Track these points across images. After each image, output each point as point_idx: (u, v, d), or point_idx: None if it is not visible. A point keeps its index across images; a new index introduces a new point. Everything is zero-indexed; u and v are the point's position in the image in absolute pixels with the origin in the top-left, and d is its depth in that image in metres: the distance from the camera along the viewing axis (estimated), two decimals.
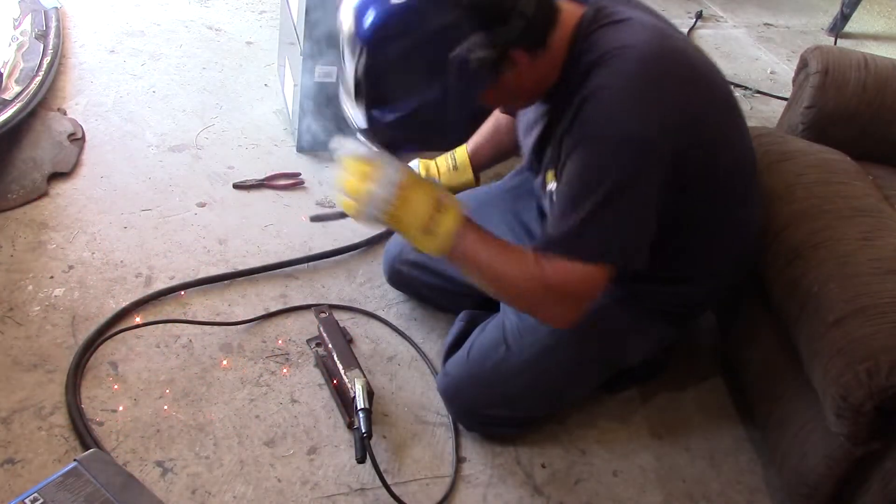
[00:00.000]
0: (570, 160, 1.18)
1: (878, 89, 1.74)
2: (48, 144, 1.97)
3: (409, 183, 1.22)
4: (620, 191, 1.17)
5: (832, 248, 1.36)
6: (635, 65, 1.15)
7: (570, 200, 1.19)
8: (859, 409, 1.19)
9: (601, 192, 1.16)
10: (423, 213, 1.22)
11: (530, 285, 1.23)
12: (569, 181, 1.19)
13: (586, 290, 1.22)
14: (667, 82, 1.18)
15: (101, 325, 1.54)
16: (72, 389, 1.41)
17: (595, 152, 1.17)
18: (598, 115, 1.16)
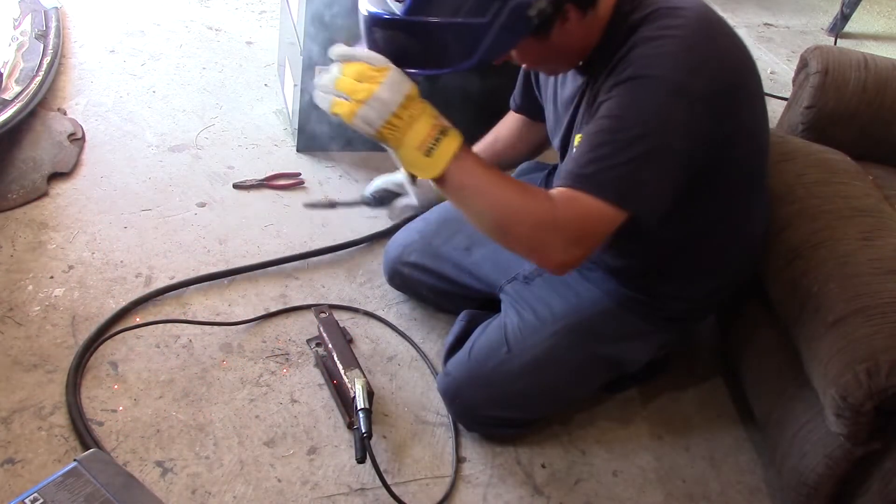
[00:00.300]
0: (608, 100, 1.15)
1: (878, 89, 1.74)
2: (48, 144, 1.97)
3: (414, 95, 1.15)
4: (655, 135, 1.13)
5: (832, 248, 1.36)
6: (689, 21, 1.15)
7: (599, 136, 1.14)
8: (859, 409, 1.19)
9: (634, 132, 1.13)
10: (424, 130, 1.15)
11: (537, 218, 1.16)
12: (602, 118, 1.15)
13: (597, 230, 1.16)
14: (716, 44, 1.17)
15: (101, 325, 1.54)
16: (72, 389, 1.41)
17: (637, 91, 1.14)
18: (644, 58, 1.13)
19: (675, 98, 1.12)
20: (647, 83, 1.13)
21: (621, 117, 1.14)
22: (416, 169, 1.19)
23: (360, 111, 1.14)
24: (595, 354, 1.46)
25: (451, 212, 1.70)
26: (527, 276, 1.53)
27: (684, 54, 1.13)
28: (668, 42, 1.13)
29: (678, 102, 1.13)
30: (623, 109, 1.14)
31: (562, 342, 1.43)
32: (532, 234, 1.17)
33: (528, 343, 1.43)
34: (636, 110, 1.13)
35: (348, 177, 2.12)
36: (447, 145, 1.16)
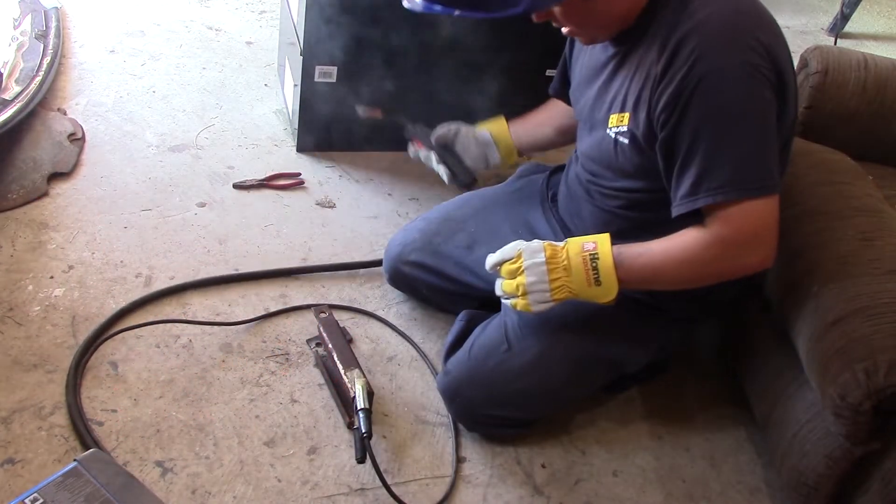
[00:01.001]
0: (695, 98, 1.16)
1: (878, 89, 1.74)
2: (48, 144, 1.97)
3: (552, 254, 1.28)
4: (760, 117, 1.17)
5: (832, 249, 1.36)
6: (740, 5, 1.18)
7: (714, 140, 1.17)
8: (857, 409, 1.19)
9: (748, 124, 1.16)
10: (580, 276, 1.27)
11: (711, 255, 1.22)
12: (704, 120, 1.17)
13: (766, 225, 1.20)
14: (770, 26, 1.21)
15: (101, 325, 1.54)
16: (72, 389, 1.41)
17: (725, 84, 1.16)
18: (713, 46, 1.15)
19: (753, 76, 1.15)
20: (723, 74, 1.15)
21: (728, 116, 1.16)
22: (600, 301, 1.29)
23: (531, 303, 1.30)
24: (595, 354, 1.46)
25: (451, 210, 1.70)
26: None
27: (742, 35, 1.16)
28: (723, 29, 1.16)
29: (758, 78, 1.16)
30: (724, 106, 1.16)
31: (561, 341, 1.43)
32: (721, 271, 1.26)
33: (528, 342, 1.43)
34: (736, 104, 1.16)
35: (348, 177, 2.12)
36: (605, 267, 1.26)
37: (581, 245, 1.28)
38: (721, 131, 1.17)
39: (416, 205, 2.07)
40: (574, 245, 1.29)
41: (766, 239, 1.22)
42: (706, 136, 1.17)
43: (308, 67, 2.02)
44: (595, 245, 1.27)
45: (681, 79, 1.17)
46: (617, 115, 1.31)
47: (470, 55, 2.13)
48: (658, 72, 1.20)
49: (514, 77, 2.21)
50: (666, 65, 1.18)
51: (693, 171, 1.20)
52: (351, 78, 2.06)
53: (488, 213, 1.66)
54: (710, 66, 1.15)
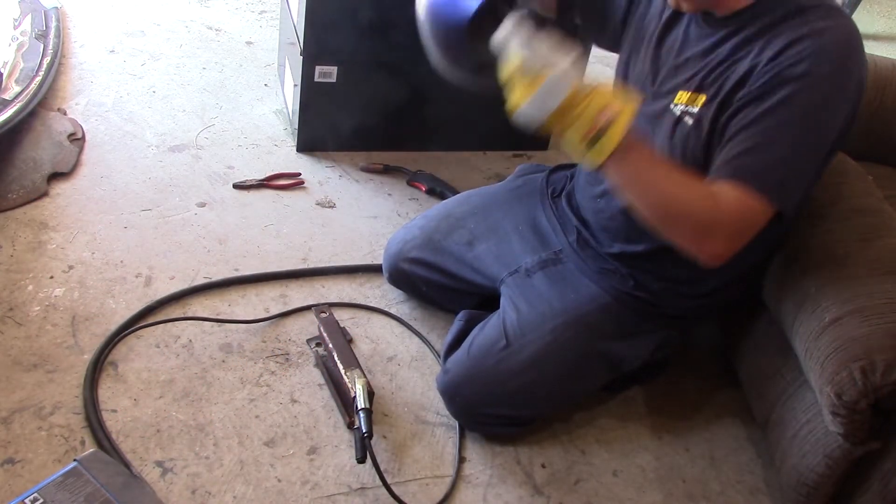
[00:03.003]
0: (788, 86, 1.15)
1: (878, 89, 1.74)
2: (48, 144, 1.97)
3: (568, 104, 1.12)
4: (820, 138, 1.17)
5: (831, 249, 1.36)
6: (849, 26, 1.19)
7: (768, 132, 1.17)
8: (854, 408, 1.19)
9: (804, 134, 1.17)
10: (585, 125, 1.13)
11: (701, 213, 1.18)
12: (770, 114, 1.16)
13: (755, 226, 1.20)
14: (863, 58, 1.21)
15: (121, 325, 1.55)
16: (89, 384, 1.42)
17: (810, 91, 1.15)
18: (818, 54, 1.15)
19: (842, 103, 1.17)
20: (822, 87, 1.15)
21: (791, 116, 1.16)
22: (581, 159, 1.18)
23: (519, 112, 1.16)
24: (594, 351, 1.46)
25: (451, 208, 1.71)
26: (528, 269, 1.53)
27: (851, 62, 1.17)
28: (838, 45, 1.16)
29: (843, 107, 1.17)
30: (795, 109, 1.16)
31: (560, 338, 1.43)
32: (695, 228, 1.20)
33: (526, 339, 1.43)
34: (809, 111, 1.16)
35: (348, 177, 2.12)
36: (610, 136, 1.13)
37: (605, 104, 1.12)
38: (790, 128, 1.17)
39: (416, 205, 2.07)
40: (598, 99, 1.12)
41: (738, 237, 1.20)
42: (776, 122, 1.17)
43: (308, 67, 2.02)
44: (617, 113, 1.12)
45: (784, 69, 1.16)
46: (689, 94, 1.29)
47: None
48: (764, 60, 1.18)
49: None
50: (775, 55, 1.17)
51: (745, 146, 1.18)
52: (351, 78, 2.06)
53: (488, 211, 1.66)
54: (817, 70, 1.14)
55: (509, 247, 1.59)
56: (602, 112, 1.12)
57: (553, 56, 1.13)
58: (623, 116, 1.13)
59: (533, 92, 1.12)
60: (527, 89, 1.13)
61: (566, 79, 1.12)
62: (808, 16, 1.18)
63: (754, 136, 1.18)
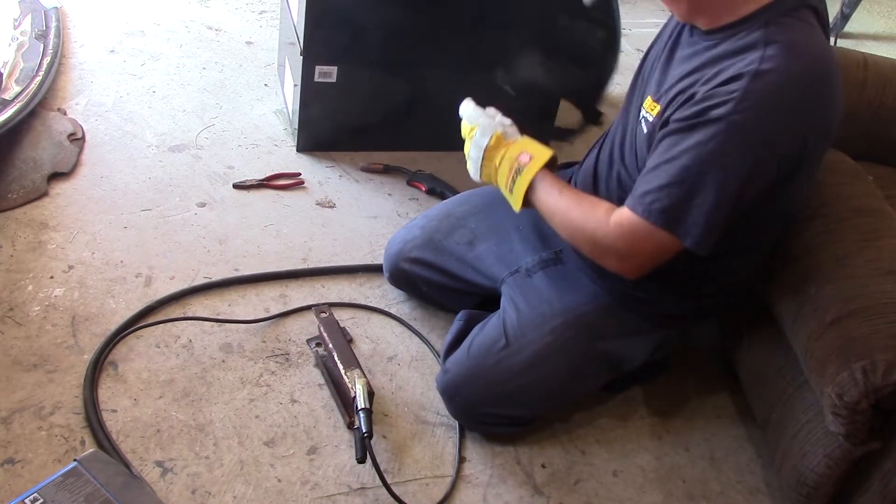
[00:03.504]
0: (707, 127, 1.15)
1: (878, 89, 1.74)
2: (48, 144, 1.97)
3: (494, 145, 1.39)
4: (739, 187, 1.17)
5: (831, 250, 1.36)
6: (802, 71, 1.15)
7: (670, 163, 1.18)
8: (855, 408, 1.19)
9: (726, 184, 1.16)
10: (503, 177, 1.39)
11: (592, 235, 1.29)
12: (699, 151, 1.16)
13: (644, 249, 1.25)
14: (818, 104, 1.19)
15: (121, 325, 1.55)
16: (89, 384, 1.42)
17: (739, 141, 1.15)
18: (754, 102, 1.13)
19: (760, 150, 1.15)
20: (741, 132, 1.14)
21: (703, 158, 1.16)
22: (510, 203, 1.40)
23: (469, 169, 1.44)
24: (593, 351, 1.46)
25: (452, 207, 1.71)
26: (529, 269, 1.53)
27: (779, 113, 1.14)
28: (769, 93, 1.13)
29: (760, 154, 1.16)
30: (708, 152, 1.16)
31: (560, 338, 1.43)
32: (591, 249, 1.33)
33: (526, 339, 1.43)
34: (719, 157, 1.15)
35: (348, 177, 2.12)
36: (520, 184, 1.35)
37: (519, 152, 1.37)
38: (699, 173, 1.17)
39: (416, 205, 2.07)
40: (514, 150, 1.38)
41: (640, 263, 1.27)
42: (687, 167, 1.17)
43: (308, 67, 2.02)
44: (529, 160, 1.35)
45: (708, 106, 1.15)
46: (651, 101, 1.30)
47: (469, 56, 2.13)
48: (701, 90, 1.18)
49: (515, 77, 2.21)
50: (709, 89, 1.17)
51: (654, 180, 1.20)
52: (351, 78, 2.06)
53: (489, 210, 1.66)
54: (733, 118, 1.13)
55: (510, 246, 1.59)
56: (519, 156, 1.36)
57: (485, 117, 1.42)
58: (535, 161, 1.35)
59: (471, 138, 1.41)
60: (468, 139, 1.43)
61: (490, 128, 1.40)
62: (770, 50, 1.14)
63: (668, 173, 1.19)
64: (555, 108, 2.36)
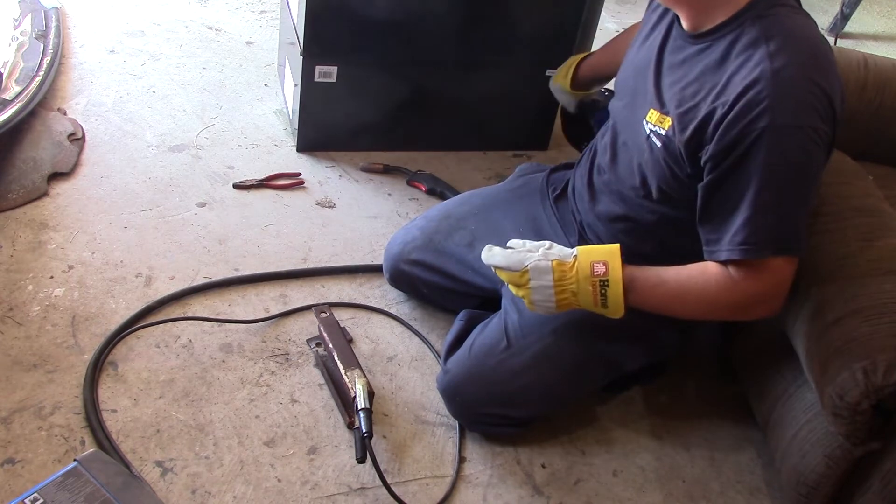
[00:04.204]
0: (755, 149, 1.14)
1: (878, 89, 1.74)
2: (48, 144, 1.97)
3: (559, 277, 1.27)
4: (804, 184, 1.18)
5: (831, 249, 1.36)
6: (809, 56, 1.16)
7: (765, 195, 1.16)
8: (856, 409, 1.19)
9: (799, 186, 1.17)
10: (588, 298, 1.28)
11: (729, 301, 1.24)
12: (759, 174, 1.15)
13: (786, 284, 1.23)
14: (836, 74, 1.19)
15: (121, 325, 1.55)
16: (89, 384, 1.42)
17: (788, 144, 1.15)
18: (782, 101, 1.13)
19: (811, 138, 1.15)
20: (788, 133, 1.14)
21: (773, 174, 1.15)
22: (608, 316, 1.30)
23: (539, 312, 1.33)
24: (594, 352, 1.46)
25: (451, 208, 1.70)
26: None
27: (812, 95, 1.14)
28: (794, 83, 1.13)
29: (814, 140, 1.15)
30: (773, 167, 1.15)
31: (561, 339, 1.43)
32: (732, 314, 1.30)
33: (528, 340, 1.43)
34: (786, 164, 1.15)
35: (348, 177, 2.12)
36: (614, 294, 1.26)
37: (591, 267, 1.26)
38: (774, 188, 1.16)
39: (416, 205, 2.07)
40: (584, 266, 1.27)
41: (783, 294, 1.24)
42: (758, 189, 1.16)
43: (308, 67, 2.02)
44: (605, 269, 1.26)
45: (745, 125, 1.14)
46: (658, 115, 1.29)
47: (469, 56, 2.13)
48: (722, 106, 1.17)
49: (514, 77, 2.21)
50: (732, 104, 1.16)
51: (739, 219, 1.19)
52: (351, 78, 2.06)
53: (489, 211, 1.66)
54: (777, 123, 1.13)
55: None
56: (594, 271, 1.26)
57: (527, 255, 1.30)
58: (613, 266, 1.25)
59: (526, 282, 1.29)
60: (523, 287, 1.30)
61: (543, 264, 1.28)
62: (773, 45, 1.15)
63: (749, 206, 1.17)
64: None
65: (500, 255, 1.32)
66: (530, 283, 1.29)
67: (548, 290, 1.28)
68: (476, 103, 2.23)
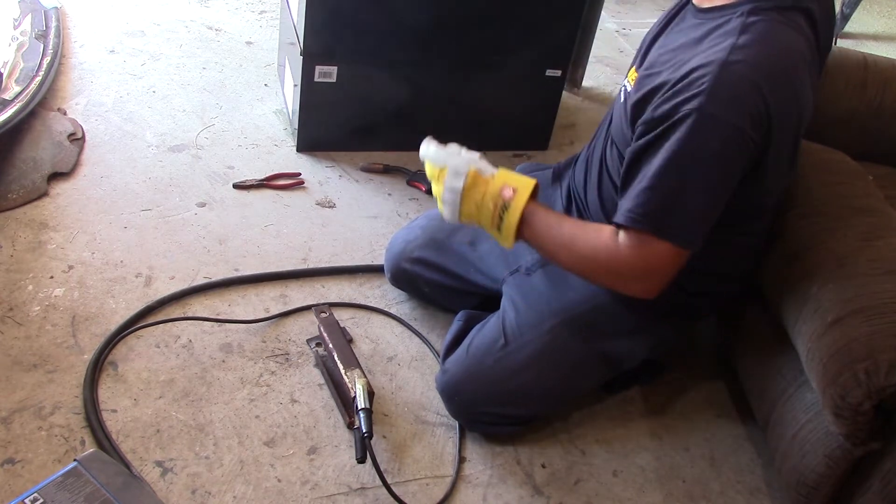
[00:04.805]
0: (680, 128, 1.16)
1: (878, 89, 1.74)
2: (48, 144, 1.97)
3: (471, 184, 1.30)
4: (720, 178, 1.18)
5: (831, 249, 1.36)
6: (768, 61, 1.16)
7: (670, 175, 1.18)
8: (857, 409, 1.19)
9: (706, 179, 1.18)
10: (487, 215, 1.31)
11: (608, 265, 1.26)
12: (673, 153, 1.17)
13: (662, 269, 1.24)
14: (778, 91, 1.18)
15: (121, 325, 1.55)
16: (89, 384, 1.42)
17: (710, 133, 1.15)
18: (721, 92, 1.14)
19: (734, 141, 1.16)
20: (712, 124, 1.15)
21: (682, 157, 1.16)
22: (500, 242, 1.34)
23: (443, 213, 1.36)
24: (592, 350, 1.46)
25: None
26: (528, 268, 1.53)
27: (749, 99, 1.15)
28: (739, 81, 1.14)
29: (737, 151, 1.16)
30: (686, 150, 1.16)
31: (558, 337, 1.43)
32: (605, 277, 1.32)
33: (525, 338, 1.44)
34: (698, 151, 1.16)
35: (348, 177, 2.12)
36: (509, 220, 1.29)
37: (500, 188, 1.30)
38: (678, 169, 1.18)
39: (416, 205, 2.07)
40: (496, 185, 1.30)
41: (658, 279, 1.26)
42: (664, 165, 1.18)
43: (308, 67, 2.02)
44: (513, 194, 1.29)
45: (678, 102, 1.16)
46: (634, 73, 1.31)
47: (469, 56, 2.13)
48: (671, 81, 1.19)
49: (514, 78, 2.21)
50: (678, 80, 1.18)
51: (636, 188, 1.21)
52: (351, 78, 2.06)
53: None
54: (705, 109, 1.14)
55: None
56: (502, 191, 1.29)
57: (453, 156, 1.33)
58: (520, 194, 1.28)
59: (443, 179, 1.32)
60: (438, 182, 1.33)
61: (463, 167, 1.31)
62: (743, 39, 1.16)
63: (651, 178, 1.19)
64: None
65: (434, 149, 1.35)
66: (445, 182, 1.32)
67: (455, 195, 1.31)
68: (476, 103, 2.23)
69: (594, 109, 2.63)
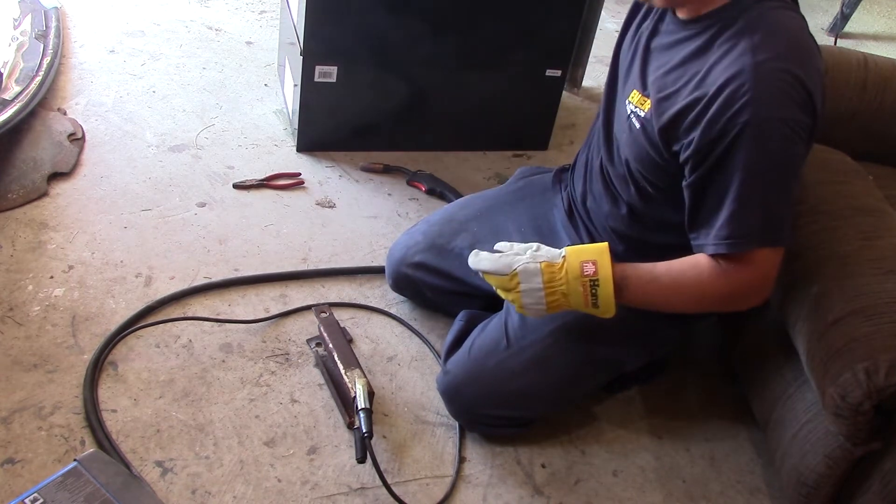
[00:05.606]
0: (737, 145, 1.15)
1: (878, 89, 1.74)
2: (48, 144, 1.97)
3: (549, 278, 1.26)
4: (793, 172, 1.19)
5: (832, 249, 1.36)
6: (788, 45, 1.17)
7: (749, 189, 1.17)
8: (858, 409, 1.19)
9: (782, 178, 1.18)
10: (578, 299, 1.27)
11: (721, 292, 1.25)
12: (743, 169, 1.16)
13: (776, 270, 1.24)
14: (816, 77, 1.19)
15: (121, 325, 1.55)
16: (89, 385, 1.42)
17: (770, 138, 1.15)
18: (763, 95, 1.13)
19: (794, 132, 1.16)
20: (770, 127, 1.14)
21: (756, 169, 1.17)
22: (600, 316, 1.30)
23: (528, 315, 1.33)
24: (594, 353, 1.46)
25: (453, 212, 1.70)
26: None
27: (793, 90, 1.15)
28: (775, 77, 1.14)
29: (799, 140, 1.17)
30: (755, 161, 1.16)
31: (560, 340, 1.43)
32: (724, 305, 1.31)
33: (527, 340, 1.43)
34: (769, 158, 1.16)
35: (348, 177, 2.12)
36: (605, 293, 1.25)
37: (581, 267, 1.25)
38: (757, 182, 1.18)
39: (416, 205, 2.07)
40: (573, 266, 1.26)
41: (770, 282, 1.26)
42: (742, 184, 1.17)
43: (308, 67, 2.02)
44: (595, 268, 1.25)
45: (727, 120, 1.15)
46: (640, 96, 1.30)
47: (469, 56, 2.13)
48: (702, 99, 1.18)
49: (514, 78, 2.21)
50: (713, 97, 1.16)
51: (724, 213, 1.20)
52: (351, 78, 2.06)
53: (491, 214, 1.66)
54: (759, 117, 1.14)
55: None
56: (583, 270, 1.25)
57: (516, 259, 1.28)
58: (602, 265, 1.25)
59: (517, 288, 1.28)
60: (513, 290, 1.29)
61: (532, 266, 1.27)
62: (751, 38, 1.16)
63: (735, 200, 1.18)
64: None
65: (488, 259, 1.31)
66: (520, 287, 1.27)
67: (538, 293, 1.27)
68: (476, 103, 2.23)
69: (594, 109, 2.62)
